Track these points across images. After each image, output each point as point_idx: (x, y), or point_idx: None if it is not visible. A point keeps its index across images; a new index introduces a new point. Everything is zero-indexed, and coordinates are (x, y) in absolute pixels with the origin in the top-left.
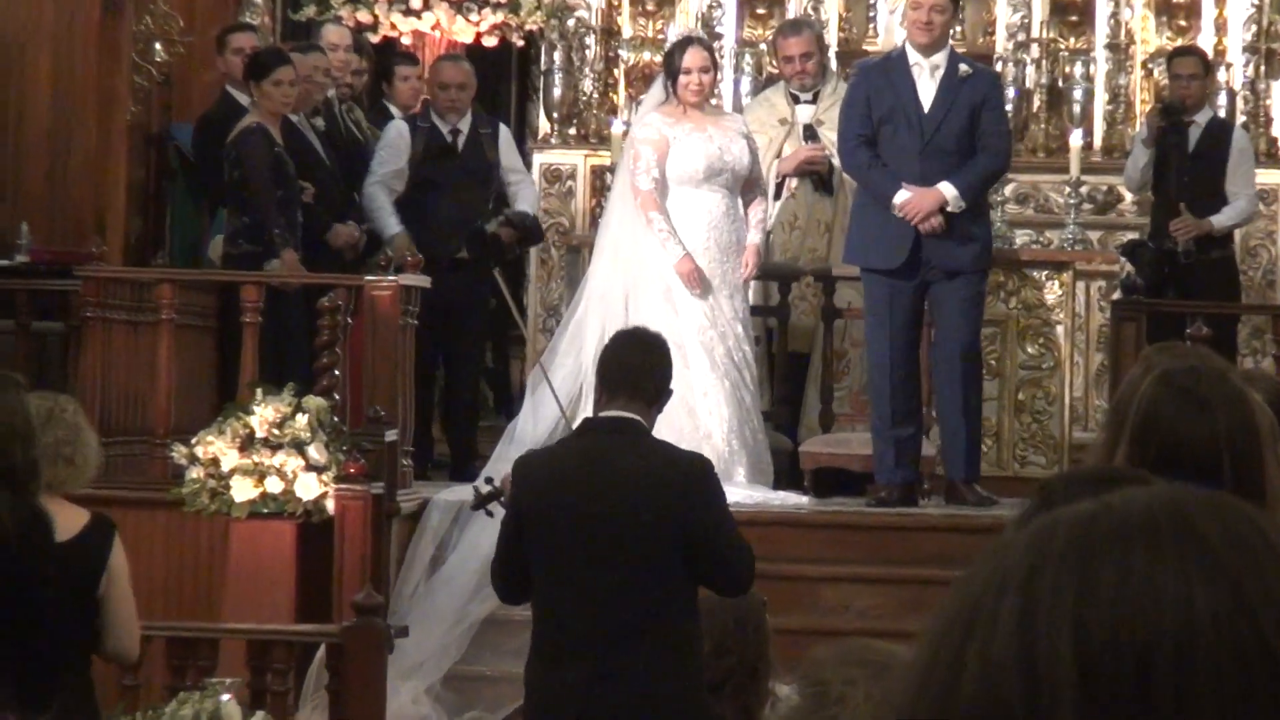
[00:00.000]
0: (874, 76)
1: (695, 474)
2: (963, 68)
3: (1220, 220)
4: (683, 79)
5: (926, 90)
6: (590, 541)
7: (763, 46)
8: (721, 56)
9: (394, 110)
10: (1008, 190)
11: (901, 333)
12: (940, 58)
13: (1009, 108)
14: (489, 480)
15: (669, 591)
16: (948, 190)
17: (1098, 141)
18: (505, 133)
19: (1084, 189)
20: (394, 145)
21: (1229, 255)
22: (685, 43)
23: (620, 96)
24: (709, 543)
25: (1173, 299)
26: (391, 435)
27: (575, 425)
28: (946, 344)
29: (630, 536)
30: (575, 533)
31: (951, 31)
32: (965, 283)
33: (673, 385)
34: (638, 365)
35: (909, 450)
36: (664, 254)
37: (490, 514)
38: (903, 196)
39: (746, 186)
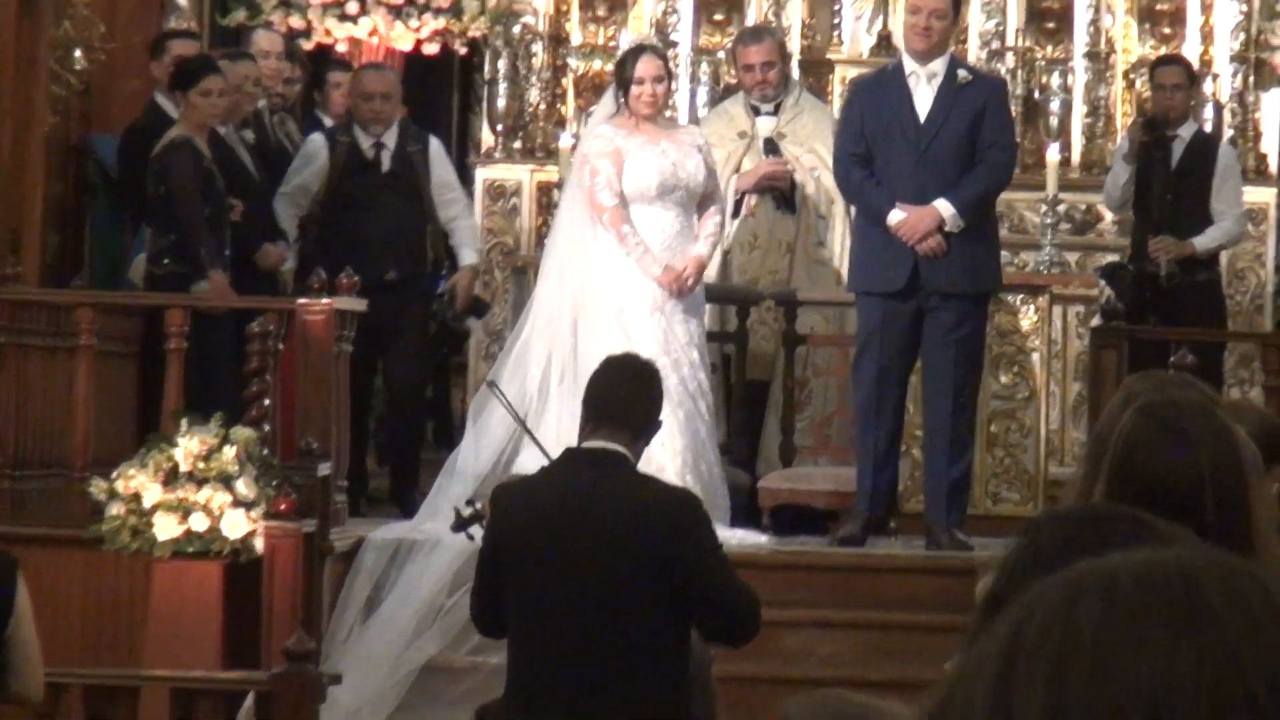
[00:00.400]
0: (868, 92)
1: (682, 511)
2: (961, 74)
3: (1203, 241)
4: (635, 89)
5: (923, 99)
6: (567, 579)
7: (721, 55)
8: (676, 65)
9: (326, 121)
10: None
11: (894, 359)
12: (939, 65)
13: None
14: (470, 502)
15: (651, 635)
16: (945, 208)
17: (1076, 157)
18: (436, 146)
19: (1061, 207)
20: (308, 157)
21: (1214, 278)
22: (638, 51)
23: (569, 108)
24: (699, 584)
25: (1155, 325)
26: (324, 469)
27: (526, 447)
28: (937, 378)
29: (610, 576)
30: (551, 570)
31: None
32: (963, 313)
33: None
34: (625, 395)
35: (882, 486)
36: (644, 269)
37: (471, 538)
38: (897, 216)
39: (702, 203)
